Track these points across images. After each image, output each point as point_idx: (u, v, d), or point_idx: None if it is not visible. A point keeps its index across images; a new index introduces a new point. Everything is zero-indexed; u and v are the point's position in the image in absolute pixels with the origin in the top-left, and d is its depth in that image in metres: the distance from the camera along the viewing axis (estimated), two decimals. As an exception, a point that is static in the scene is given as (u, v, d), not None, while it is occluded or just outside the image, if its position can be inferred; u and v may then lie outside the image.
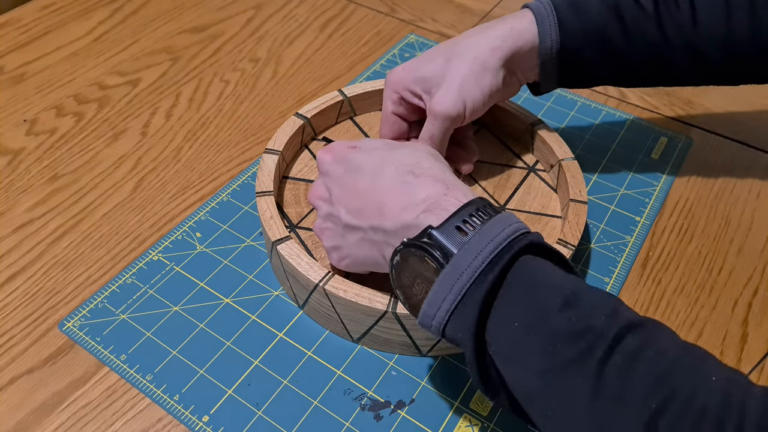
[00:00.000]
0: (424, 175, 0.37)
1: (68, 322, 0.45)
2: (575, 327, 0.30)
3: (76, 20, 0.73)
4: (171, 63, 0.68)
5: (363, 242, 0.39)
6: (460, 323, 0.32)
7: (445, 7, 0.79)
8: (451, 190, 0.36)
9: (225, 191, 0.54)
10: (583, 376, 0.29)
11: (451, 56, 0.47)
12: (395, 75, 0.49)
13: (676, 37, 0.46)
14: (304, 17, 0.76)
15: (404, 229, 0.36)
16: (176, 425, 0.40)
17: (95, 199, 0.54)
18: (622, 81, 0.50)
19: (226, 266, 0.49)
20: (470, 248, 0.32)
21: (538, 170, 0.54)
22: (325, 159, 0.41)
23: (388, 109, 0.51)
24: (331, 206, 0.40)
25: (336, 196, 0.40)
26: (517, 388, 0.32)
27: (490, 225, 0.33)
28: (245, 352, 0.44)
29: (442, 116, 0.47)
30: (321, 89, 0.66)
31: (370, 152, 0.40)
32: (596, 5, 0.46)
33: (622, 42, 0.46)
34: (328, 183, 0.41)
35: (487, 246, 0.32)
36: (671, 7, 0.45)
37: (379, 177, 0.38)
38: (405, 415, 0.41)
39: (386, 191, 0.37)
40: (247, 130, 0.61)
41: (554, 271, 0.32)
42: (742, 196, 0.57)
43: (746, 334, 0.47)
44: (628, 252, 0.51)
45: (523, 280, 0.32)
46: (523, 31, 0.46)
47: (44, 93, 0.64)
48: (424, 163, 0.38)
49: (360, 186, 0.38)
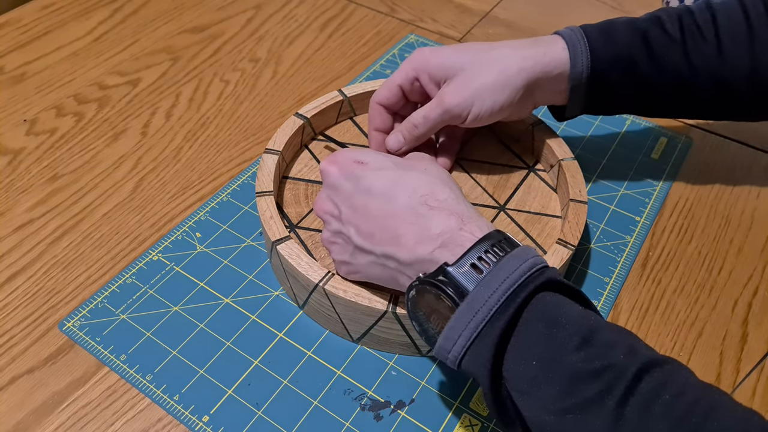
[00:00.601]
0: (439, 207, 0.36)
1: (68, 322, 0.45)
2: (593, 366, 0.30)
3: (76, 20, 0.73)
4: (171, 63, 0.68)
5: (375, 265, 0.38)
6: (476, 359, 0.32)
7: (445, 7, 0.79)
8: (466, 224, 0.35)
9: (225, 191, 0.54)
10: (601, 417, 0.29)
11: (480, 59, 0.47)
12: (422, 55, 0.48)
13: (702, 67, 0.46)
14: (304, 17, 0.76)
15: (419, 262, 0.35)
16: (176, 425, 0.40)
17: (95, 199, 0.54)
18: (646, 108, 0.50)
19: (226, 266, 0.49)
20: (486, 285, 0.32)
21: (538, 170, 0.54)
22: (331, 172, 0.40)
23: (395, 80, 0.49)
24: (340, 224, 0.40)
25: (346, 215, 0.39)
26: (535, 423, 0.32)
27: (506, 261, 0.33)
28: (245, 352, 0.44)
29: (445, 107, 0.46)
30: (321, 89, 0.66)
31: (380, 172, 0.39)
32: (625, 32, 0.47)
33: (649, 69, 0.47)
34: (336, 199, 0.40)
35: (502, 283, 0.32)
36: (697, 37, 0.46)
37: (391, 203, 0.37)
38: (405, 415, 0.41)
39: (400, 221, 0.36)
40: (247, 130, 0.61)
41: (571, 308, 0.32)
42: (742, 196, 0.57)
43: (746, 334, 0.47)
44: (628, 252, 0.51)
45: (539, 318, 0.32)
46: (554, 58, 0.46)
47: (44, 93, 0.64)
48: (438, 193, 0.37)
49: (372, 209, 0.38)
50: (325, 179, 0.41)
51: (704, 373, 0.44)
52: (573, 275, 0.49)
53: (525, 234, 0.49)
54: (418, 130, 0.48)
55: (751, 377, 0.44)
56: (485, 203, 0.51)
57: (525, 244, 0.41)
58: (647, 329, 0.47)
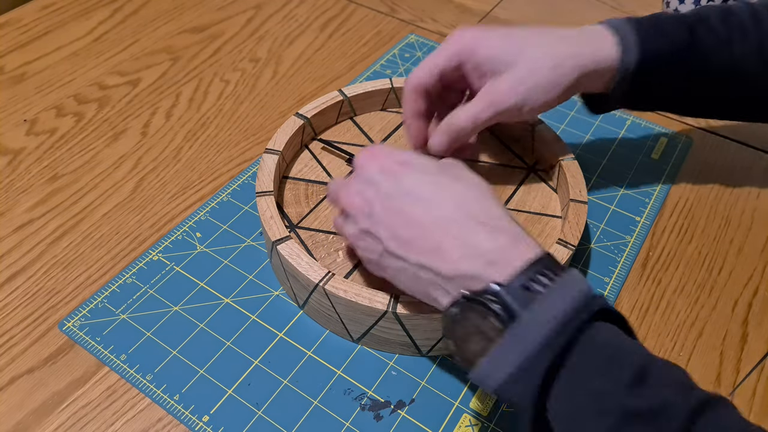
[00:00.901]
0: (489, 224, 0.35)
1: (68, 322, 0.45)
2: (646, 404, 0.29)
3: (76, 20, 0.73)
4: (171, 63, 0.68)
5: (405, 272, 0.36)
6: (521, 389, 0.31)
7: (445, 7, 0.79)
8: (517, 244, 0.34)
9: (225, 191, 0.54)
10: None
11: (532, 54, 0.44)
12: (468, 40, 0.44)
13: (744, 65, 0.46)
14: (304, 17, 0.76)
15: (462, 278, 0.33)
16: (176, 425, 0.40)
17: (95, 199, 0.54)
18: (684, 107, 0.50)
19: (226, 266, 0.49)
20: (538, 312, 0.31)
21: (538, 170, 0.54)
22: (370, 167, 0.38)
23: (437, 64, 0.45)
24: (370, 223, 0.37)
25: (379, 215, 0.37)
26: None
27: (559, 287, 0.32)
28: (245, 352, 0.44)
29: (498, 109, 0.44)
30: (321, 89, 0.66)
31: (425, 176, 0.37)
32: (674, 26, 0.46)
33: (695, 66, 0.46)
34: (370, 195, 0.37)
35: (557, 311, 0.31)
36: (741, 36, 0.45)
37: (436, 211, 0.35)
38: (405, 415, 0.41)
39: (444, 232, 0.35)
40: (247, 130, 0.61)
41: (623, 342, 0.31)
42: (742, 196, 0.57)
43: (746, 334, 0.47)
44: (628, 252, 0.51)
45: (592, 351, 0.31)
46: (606, 54, 0.44)
47: (44, 93, 0.64)
48: (490, 209, 0.36)
49: (412, 215, 0.36)
50: (361, 173, 0.39)
51: (704, 373, 0.44)
52: (573, 275, 0.49)
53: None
54: (466, 132, 0.46)
55: (751, 377, 0.44)
56: (485, 203, 0.51)
57: None
58: (647, 329, 0.47)
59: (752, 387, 0.44)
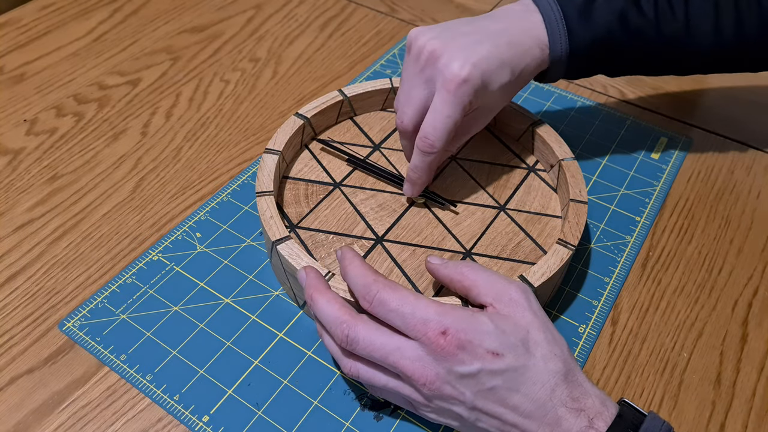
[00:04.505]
0: (572, 407, 0.34)
1: (68, 322, 0.45)
2: None
3: (76, 20, 0.73)
4: (171, 63, 0.68)
5: None
6: None
7: (445, 7, 0.79)
8: (593, 422, 0.33)
9: (225, 191, 0.54)
10: None
11: None
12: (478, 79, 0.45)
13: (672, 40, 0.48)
14: (304, 17, 0.76)
15: None
16: (176, 425, 0.40)
17: (95, 199, 0.54)
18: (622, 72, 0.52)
19: (226, 266, 0.49)
20: None
21: (538, 170, 0.54)
22: (465, 359, 0.34)
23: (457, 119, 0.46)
24: (465, 410, 0.35)
25: (476, 405, 0.34)
26: None
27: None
28: (245, 352, 0.44)
29: None
30: (321, 89, 0.66)
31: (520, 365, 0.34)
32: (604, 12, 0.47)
33: (626, 46, 0.48)
34: (464, 389, 0.34)
35: None
36: (668, 15, 0.47)
37: (529, 403, 0.34)
38: (405, 415, 0.41)
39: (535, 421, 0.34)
40: (247, 130, 0.61)
41: None
42: (742, 196, 0.57)
43: (746, 334, 0.47)
44: (628, 252, 0.51)
45: None
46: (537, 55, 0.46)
47: (44, 93, 0.64)
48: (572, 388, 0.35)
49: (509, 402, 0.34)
50: (456, 365, 0.34)
51: (704, 373, 0.44)
52: (573, 275, 0.49)
53: (525, 234, 0.49)
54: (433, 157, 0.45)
55: (751, 377, 0.44)
56: (485, 203, 0.51)
57: None
58: (647, 329, 0.47)
59: (752, 387, 0.44)
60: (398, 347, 0.34)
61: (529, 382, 0.34)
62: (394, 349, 0.34)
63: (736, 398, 0.43)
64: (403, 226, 0.49)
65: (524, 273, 0.42)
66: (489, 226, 0.49)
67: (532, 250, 0.48)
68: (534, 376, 0.34)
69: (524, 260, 0.47)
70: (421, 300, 0.35)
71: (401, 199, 0.51)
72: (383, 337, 0.35)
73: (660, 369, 0.44)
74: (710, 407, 0.43)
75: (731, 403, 0.43)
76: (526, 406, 0.34)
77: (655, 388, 0.43)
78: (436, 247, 0.47)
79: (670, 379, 0.44)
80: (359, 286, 0.36)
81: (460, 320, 0.34)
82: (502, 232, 0.49)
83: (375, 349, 0.35)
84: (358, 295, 0.36)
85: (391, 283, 0.36)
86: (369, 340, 0.35)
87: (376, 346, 0.35)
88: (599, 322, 0.47)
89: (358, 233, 0.48)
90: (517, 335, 0.35)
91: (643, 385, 0.44)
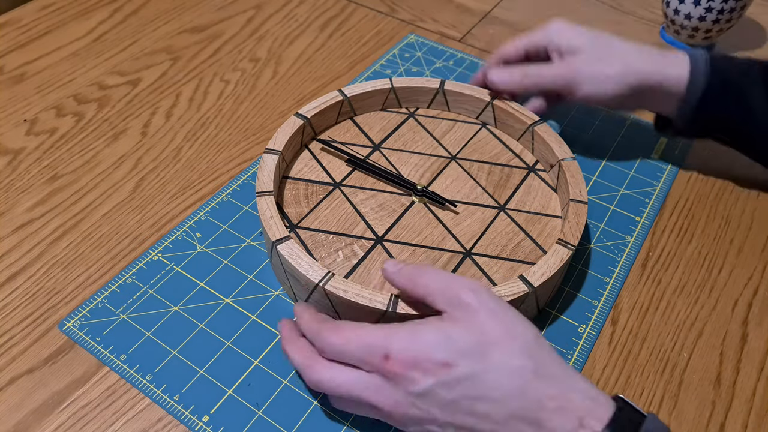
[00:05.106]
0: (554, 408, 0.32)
1: (68, 322, 0.45)
2: None
3: (76, 20, 0.73)
4: (171, 63, 0.68)
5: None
6: None
7: (445, 7, 0.79)
8: (584, 421, 0.32)
9: (225, 191, 0.54)
10: None
11: (608, 49, 0.52)
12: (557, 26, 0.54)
13: None
14: (304, 17, 0.76)
15: None
16: (176, 425, 0.40)
17: (95, 199, 0.54)
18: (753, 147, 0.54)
19: (226, 266, 0.49)
20: None
21: (538, 170, 0.54)
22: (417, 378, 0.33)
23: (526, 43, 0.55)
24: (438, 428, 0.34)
25: (446, 420, 0.33)
26: None
27: None
28: (245, 352, 0.44)
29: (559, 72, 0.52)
30: (321, 89, 0.66)
31: (478, 370, 0.33)
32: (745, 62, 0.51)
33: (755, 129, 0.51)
34: (426, 407, 0.33)
35: None
36: None
37: (502, 408, 0.33)
38: (405, 415, 0.41)
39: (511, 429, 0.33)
40: (247, 130, 0.61)
41: None
42: (742, 196, 0.57)
43: (746, 334, 0.47)
44: (628, 252, 0.51)
45: None
46: (675, 76, 0.50)
47: (44, 93, 0.64)
48: (546, 387, 0.33)
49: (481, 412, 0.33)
50: (409, 386, 0.33)
51: (704, 373, 0.44)
52: (573, 275, 0.49)
53: (525, 234, 0.49)
54: (528, 80, 0.53)
55: (751, 377, 0.44)
56: (485, 203, 0.51)
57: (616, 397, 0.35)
58: (647, 329, 0.47)
59: (752, 387, 0.44)
60: (358, 380, 0.35)
61: (492, 386, 0.32)
62: (355, 383, 0.35)
63: (736, 398, 0.43)
64: (403, 226, 0.49)
65: (524, 273, 0.42)
66: (489, 226, 0.49)
67: (532, 250, 0.48)
68: (496, 380, 0.32)
69: (524, 260, 0.47)
70: (365, 329, 0.35)
71: (401, 199, 0.51)
72: (343, 375, 0.35)
73: (660, 369, 0.44)
74: (710, 407, 0.43)
75: (731, 403, 0.43)
76: (497, 412, 0.32)
77: (655, 388, 0.43)
78: (436, 247, 0.47)
79: (670, 379, 0.44)
80: (311, 339, 0.38)
81: (402, 339, 0.34)
82: (502, 232, 0.49)
83: (339, 387, 0.35)
84: (315, 347, 0.37)
85: (336, 324, 0.37)
86: (332, 380, 0.36)
87: (339, 384, 0.35)
88: (599, 322, 0.47)
89: (358, 233, 0.48)
90: (468, 340, 0.33)
91: (643, 385, 0.44)
